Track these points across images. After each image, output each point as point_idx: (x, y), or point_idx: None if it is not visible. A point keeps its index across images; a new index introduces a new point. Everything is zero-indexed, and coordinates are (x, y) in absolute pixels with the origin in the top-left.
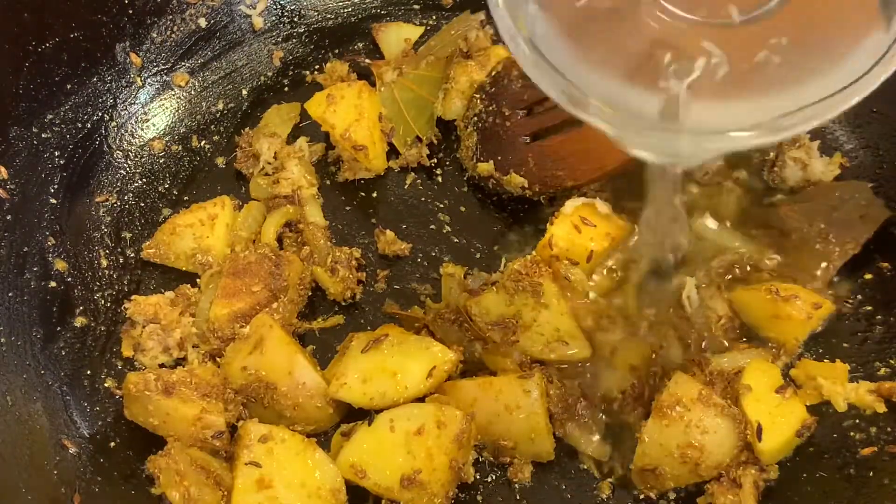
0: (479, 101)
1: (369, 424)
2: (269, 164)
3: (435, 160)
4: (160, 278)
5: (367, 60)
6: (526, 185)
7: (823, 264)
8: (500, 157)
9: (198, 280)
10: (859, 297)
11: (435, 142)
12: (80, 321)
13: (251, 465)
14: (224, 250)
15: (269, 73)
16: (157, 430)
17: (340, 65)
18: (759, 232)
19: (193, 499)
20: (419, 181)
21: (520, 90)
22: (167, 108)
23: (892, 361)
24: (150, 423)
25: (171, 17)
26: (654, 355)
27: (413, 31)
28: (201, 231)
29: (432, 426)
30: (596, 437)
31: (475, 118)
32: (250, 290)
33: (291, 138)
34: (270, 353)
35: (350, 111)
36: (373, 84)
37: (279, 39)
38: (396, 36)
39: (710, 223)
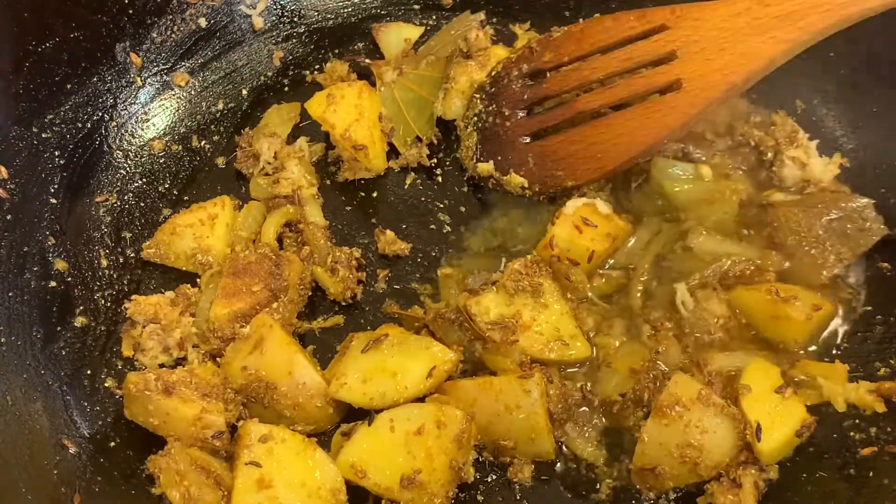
0: (479, 101)
1: (369, 424)
2: (269, 164)
3: (435, 160)
4: (160, 278)
5: (367, 60)
6: (526, 185)
7: (823, 272)
8: (500, 157)
9: (198, 280)
10: (859, 297)
11: (435, 142)
12: (80, 321)
13: (251, 464)
14: (224, 250)
15: (269, 73)
16: (157, 430)
17: (340, 65)
18: (751, 232)
19: (194, 499)
20: (419, 181)
21: (520, 90)
22: (167, 108)
23: (892, 361)
24: (150, 423)
25: (171, 17)
26: (653, 357)
27: (413, 31)
28: (201, 231)
29: (432, 426)
30: (592, 441)
31: (475, 118)
32: (250, 290)
33: (291, 138)
34: (270, 353)
35: (350, 111)
36: (373, 84)
37: (279, 39)
38: (396, 36)
39: (705, 237)
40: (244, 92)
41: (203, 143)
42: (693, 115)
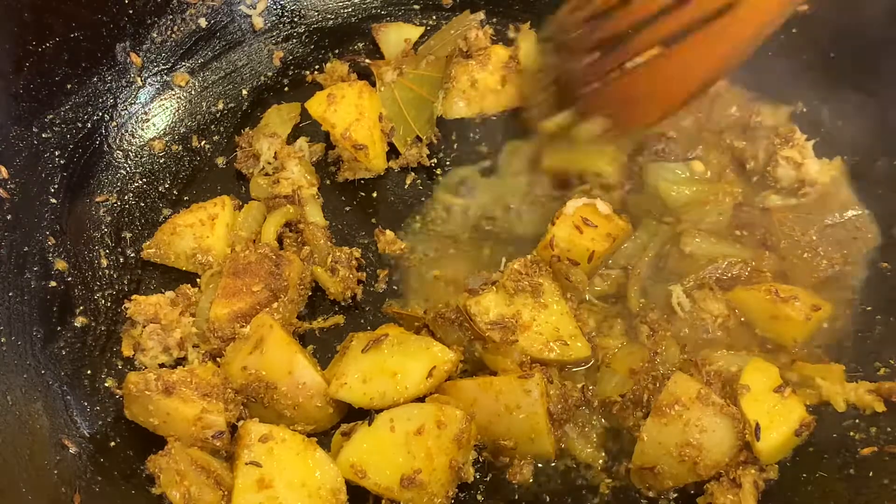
0: (548, 51)
1: (369, 424)
2: (270, 164)
3: (435, 160)
4: (160, 278)
5: (367, 60)
6: (604, 129)
7: (814, 276)
8: (577, 103)
9: (198, 280)
10: (859, 297)
11: (435, 142)
12: (80, 321)
13: (251, 464)
14: (224, 250)
15: (269, 73)
16: (157, 430)
17: (340, 65)
18: (744, 233)
19: (194, 499)
20: (419, 181)
21: (587, 32)
22: (167, 107)
23: (892, 361)
24: (150, 423)
25: (171, 17)
26: (652, 358)
27: (413, 31)
28: (201, 231)
29: (432, 426)
30: (592, 442)
31: (548, 70)
32: (250, 290)
33: (291, 138)
34: (270, 353)
35: (350, 111)
36: (373, 84)
37: (279, 39)
38: (396, 36)
39: (699, 239)
40: (244, 92)
41: (203, 143)
42: (747, 40)
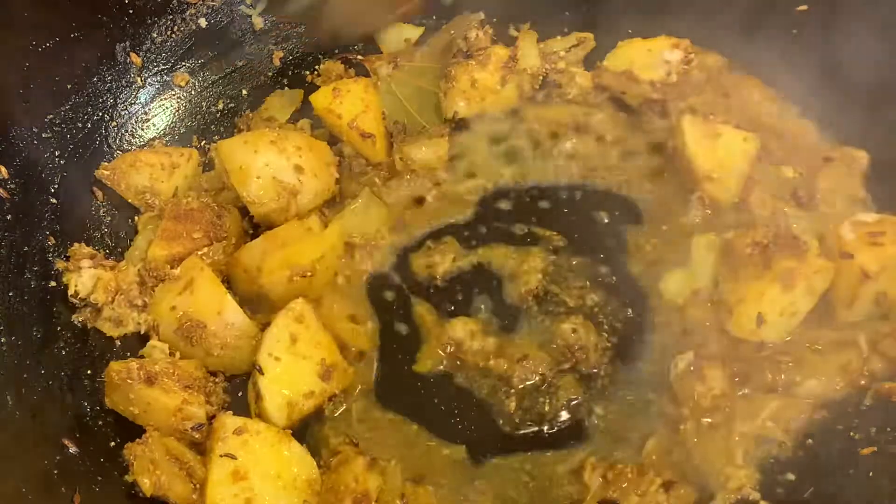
0: None
1: None
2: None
3: None
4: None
5: (360, 56)
6: None
7: None
8: None
9: (137, 217)
10: None
11: None
12: (80, 321)
13: (226, 457)
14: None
15: (269, 73)
16: (136, 420)
17: (336, 64)
18: None
19: (164, 487)
20: None
21: None
22: (167, 107)
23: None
24: (130, 412)
25: (171, 17)
26: None
27: (413, 32)
28: (159, 174)
29: None
30: None
31: None
32: (190, 237)
33: (294, 122)
34: (200, 294)
35: (357, 103)
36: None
37: (279, 39)
38: (396, 36)
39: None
40: (244, 92)
41: (203, 143)
42: None
